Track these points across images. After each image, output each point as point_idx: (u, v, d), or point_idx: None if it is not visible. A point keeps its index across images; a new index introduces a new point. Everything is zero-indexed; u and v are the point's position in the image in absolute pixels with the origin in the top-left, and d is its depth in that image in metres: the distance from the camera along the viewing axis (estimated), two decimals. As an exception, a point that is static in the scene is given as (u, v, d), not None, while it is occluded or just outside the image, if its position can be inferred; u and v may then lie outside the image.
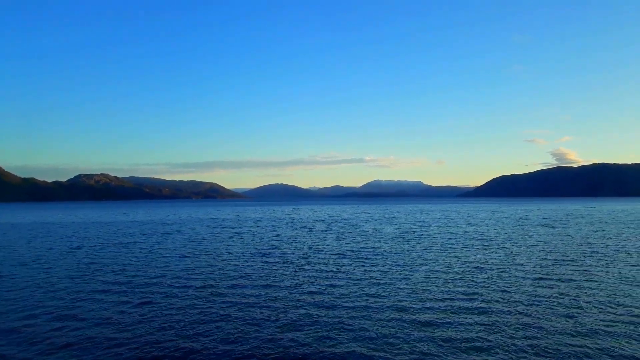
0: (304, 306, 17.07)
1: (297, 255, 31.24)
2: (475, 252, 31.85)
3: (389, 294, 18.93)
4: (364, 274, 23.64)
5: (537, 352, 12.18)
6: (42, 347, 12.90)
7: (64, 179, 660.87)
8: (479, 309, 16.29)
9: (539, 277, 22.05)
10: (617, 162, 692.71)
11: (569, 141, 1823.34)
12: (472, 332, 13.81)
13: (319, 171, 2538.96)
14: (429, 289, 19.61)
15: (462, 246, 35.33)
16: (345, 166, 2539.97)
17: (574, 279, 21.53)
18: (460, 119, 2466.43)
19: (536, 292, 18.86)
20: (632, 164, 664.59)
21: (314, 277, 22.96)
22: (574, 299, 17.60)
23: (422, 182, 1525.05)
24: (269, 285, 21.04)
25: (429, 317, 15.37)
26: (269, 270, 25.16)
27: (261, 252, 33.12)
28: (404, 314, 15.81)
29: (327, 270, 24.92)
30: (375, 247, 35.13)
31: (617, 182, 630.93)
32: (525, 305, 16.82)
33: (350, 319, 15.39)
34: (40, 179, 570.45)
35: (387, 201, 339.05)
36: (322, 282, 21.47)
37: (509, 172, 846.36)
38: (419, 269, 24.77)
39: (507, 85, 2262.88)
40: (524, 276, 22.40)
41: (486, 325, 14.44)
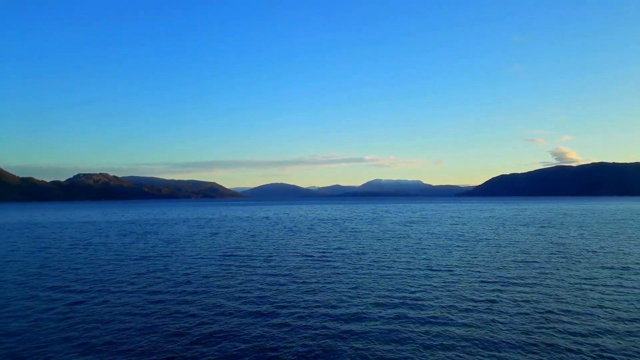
0: (235, 312, 16.59)
1: (260, 256, 30.75)
2: (439, 252, 31.32)
3: (325, 296, 18.45)
4: (314, 276, 23.14)
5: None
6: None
7: (64, 179, 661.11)
8: (411, 310, 15.83)
9: (483, 280, 21.55)
10: (616, 161, 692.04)
11: (569, 141, 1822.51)
12: (407, 333, 13.34)
13: (318, 171, 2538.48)
14: (370, 290, 19.13)
15: (431, 246, 34.80)
16: (345, 166, 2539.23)
17: (516, 281, 21.02)
18: (460, 118, 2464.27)
19: (473, 295, 18.38)
20: (631, 163, 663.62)
21: (263, 279, 22.48)
22: (510, 302, 17.11)
23: (421, 182, 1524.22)
24: (209, 288, 20.55)
25: (349, 322, 14.90)
26: (219, 272, 24.67)
27: (225, 253, 32.60)
28: (328, 318, 15.33)
29: (282, 272, 24.42)
30: (343, 248, 34.64)
31: (617, 181, 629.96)
32: (455, 308, 16.35)
33: (274, 326, 14.92)
34: (40, 178, 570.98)
35: (384, 201, 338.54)
36: (269, 285, 20.99)
37: (508, 172, 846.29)
38: (374, 270, 24.27)
39: (507, 85, 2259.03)
40: (472, 278, 21.89)
41: (413, 327, 13.99)
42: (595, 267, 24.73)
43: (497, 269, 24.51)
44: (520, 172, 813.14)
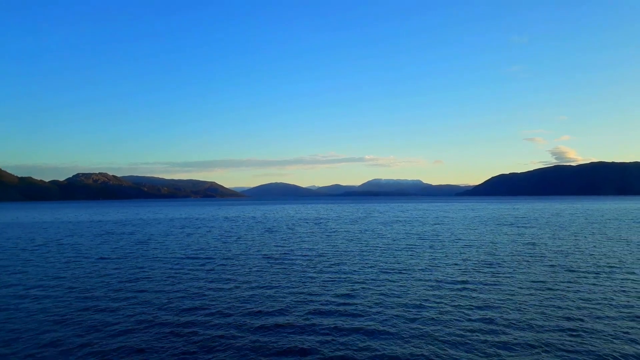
0: (152, 320, 15.97)
1: (218, 258, 30.12)
2: (402, 253, 30.63)
3: (266, 299, 17.82)
4: (259, 279, 22.49)
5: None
6: None
7: (63, 179, 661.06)
8: (356, 312, 15.21)
9: (428, 281, 20.90)
10: (616, 160, 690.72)
11: (569, 140, 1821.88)
12: (346, 336, 12.72)
13: (318, 170, 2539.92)
14: (322, 291, 18.52)
15: (398, 247, 34.12)
16: (345, 165, 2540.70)
17: (475, 282, 20.38)
18: (460, 118, 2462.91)
19: (426, 296, 17.74)
20: (631, 163, 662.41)
21: (213, 281, 21.83)
22: (443, 304, 16.47)
23: (421, 181, 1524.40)
24: (143, 292, 19.93)
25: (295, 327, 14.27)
26: (166, 274, 24.03)
27: (187, 255, 31.94)
28: (259, 321, 14.71)
29: (226, 275, 23.76)
30: (308, 249, 34.00)
31: (617, 180, 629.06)
32: (407, 308, 15.72)
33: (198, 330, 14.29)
34: (40, 178, 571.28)
35: (382, 200, 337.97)
36: (215, 287, 20.37)
37: (508, 171, 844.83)
38: (322, 272, 23.64)
39: (507, 85, 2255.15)
40: (417, 280, 21.24)
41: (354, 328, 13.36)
42: (553, 269, 24.04)
43: (451, 270, 23.84)
44: (519, 172, 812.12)
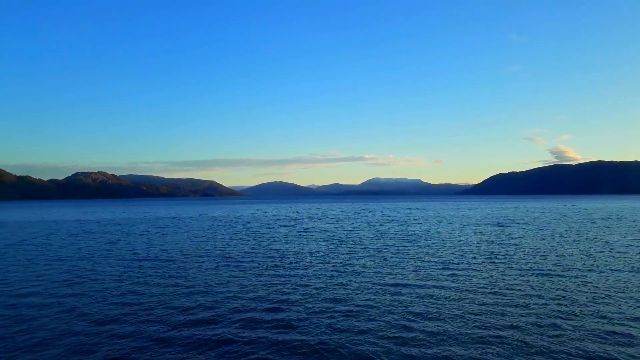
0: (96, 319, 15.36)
1: (179, 258, 29.55)
2: (366, 253, 30.03)
3: (203, 301, 17.20)
4: (204, 278, 21.89)
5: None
6: None
7: (62, 178, 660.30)
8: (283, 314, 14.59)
9: (378, 283, 20.28)
10: (615, 160, 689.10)
11: (568, 140, 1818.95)
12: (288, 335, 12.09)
13: (318, 169, 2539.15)
14: (270, 293, 17.90)
15: (366, 247, 33.51)
16: (344, 164, 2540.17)
17: (425, 285, 19.75)
18: (459, 117, 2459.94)
19: (368, 297, 17.12)
20: (630, 162, 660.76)
21: (153, 282, 21.25)
22: (405, 306, 15.85)
23: (421, 180, 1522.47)
24: (77, 291, 19.34)
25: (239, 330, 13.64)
26: (118, 275, 23.45)
27: (147, 256, 31.39)
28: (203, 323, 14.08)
29: (179, 274, 23.20)
30: (275, 249, 33.40)
31: (616, 179, 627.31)
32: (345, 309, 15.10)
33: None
34: (39, 177, 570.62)
35: (379, 199, 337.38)
36: (153, 287, 19.77)
37: (508, 171, 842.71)
38: (278, 273, 23.04)
39: (506, 84, 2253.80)
40: (367, 281, 20.62)
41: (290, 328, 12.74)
42: (506, 270, 23.39)
43: (400, 270, 23.21)
44: (519, 171, 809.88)
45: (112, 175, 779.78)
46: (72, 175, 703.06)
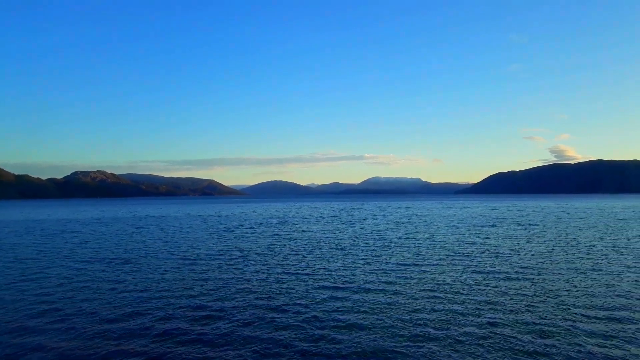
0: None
1: (138, 260, 29.08)
2: (334, 255, 29.52)
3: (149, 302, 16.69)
4: (147, 280, 21.39)
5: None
6: None
7: (61, 177, 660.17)
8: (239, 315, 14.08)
9: (333, 286, 19.77)
10: (615, 158, 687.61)
11: (568, 139, 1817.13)
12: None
13: (318, 168, 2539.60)
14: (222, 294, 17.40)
15: (337, 248, 32.99)
16: (344, 163, 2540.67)
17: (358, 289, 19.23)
18: (459, 117, 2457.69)
19: (319, 298, 16.61)
20: (630, 161, 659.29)
21: (100, 282, 20.77)
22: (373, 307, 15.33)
23: (420, 179, 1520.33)
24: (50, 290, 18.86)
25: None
26: (69, 275, 22.97)
27: (110, 256, 30.95)
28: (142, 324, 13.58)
29: (130, 275, 22.72)
30: (242, 250, 32.91)
31: (615, 178, 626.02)
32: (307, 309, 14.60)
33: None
34: (38, 176, 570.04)
35: (378, 198, 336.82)
36: (97, 288, 19.29)
37: (507, 170, 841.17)
38: (230, 274, 22.54)
39: (506, 83, 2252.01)
40: (323, 282, 20.12)
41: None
42: (466, 270, 22.86)
43: (356, 272, 22.70)
44: (518, 170, 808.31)
45: (112, 174, 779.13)
46: (71, 174, 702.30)
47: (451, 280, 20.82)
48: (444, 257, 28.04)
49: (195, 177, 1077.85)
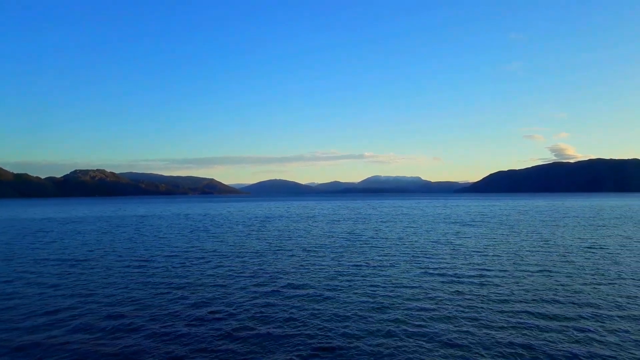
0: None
1: (95, 259, 28.66)
2: (305, 255, 29.06)
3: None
4: (95, 282, 20.93)
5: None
6: None
7: (60, 176, 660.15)
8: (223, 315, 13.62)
9: (289, 286, 19.28)
10: (614, 157, 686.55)
11: (567, 137, 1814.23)
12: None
13: (318, 167, 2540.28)
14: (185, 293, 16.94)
15: (308, 247, 32.52)
16: (344, 162, 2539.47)
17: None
18: (459, 115, 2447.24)
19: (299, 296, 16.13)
20: (629, 159, 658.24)
21: (54, 283, 20.33)
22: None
23: (420, 178, 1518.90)
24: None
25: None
26: (28, 275, 22.53)
27: (74, 256, 30.54)
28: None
29: (88, 275, 22.28)
30: (210, 250, 32.46)
31: (615, 177, 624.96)
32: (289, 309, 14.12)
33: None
34: (37, 175, 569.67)
35: (377, 197, 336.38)
36: (49, 287, 18.84)
37: (507, 168, 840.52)
38: (195, 275, 22.07)
39: (505, 82, 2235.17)
40: (279, 283, 19.64)
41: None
42: (429, 270, 22.36)
43: (314, 274, 22.23)
44: (518, 169, 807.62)
45: (111, 173, 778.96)
46: (71, 173, 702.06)
47: (396, 280, 20.31)
48: (404, 256, 27.57)
49: (195, 176, 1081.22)
